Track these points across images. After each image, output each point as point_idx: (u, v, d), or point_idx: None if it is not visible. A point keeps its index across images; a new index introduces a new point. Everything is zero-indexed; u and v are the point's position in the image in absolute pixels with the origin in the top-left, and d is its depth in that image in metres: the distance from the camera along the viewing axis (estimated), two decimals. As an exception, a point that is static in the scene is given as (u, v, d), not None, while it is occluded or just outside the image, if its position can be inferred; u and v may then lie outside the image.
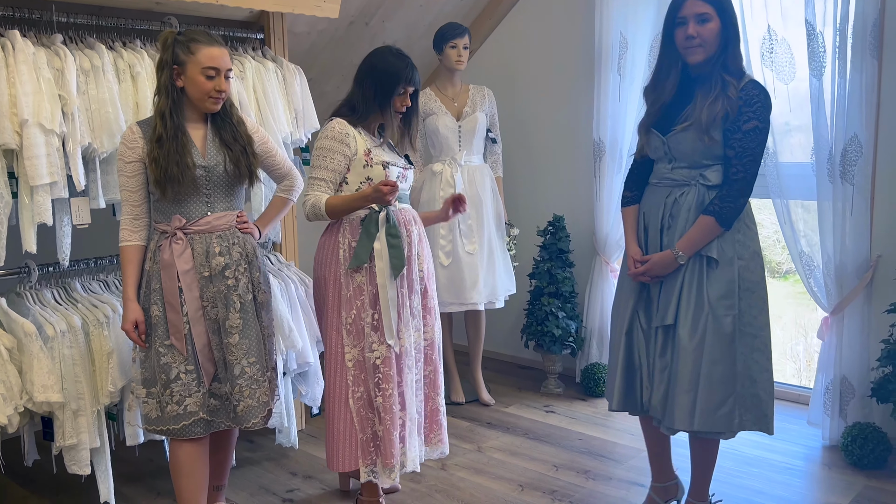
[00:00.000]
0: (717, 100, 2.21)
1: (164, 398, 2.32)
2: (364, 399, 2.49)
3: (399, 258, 2.43)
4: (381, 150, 2.53)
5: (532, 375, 4.19)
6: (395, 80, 2.47)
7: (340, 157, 2.45)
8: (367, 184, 2.47)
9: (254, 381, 2.38)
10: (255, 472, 3.10)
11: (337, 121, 2.48)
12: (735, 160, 2.23)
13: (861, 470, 2.97)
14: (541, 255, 3.93)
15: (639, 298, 2.40)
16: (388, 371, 2.45)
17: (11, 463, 2.93)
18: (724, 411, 2.25)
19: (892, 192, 3.11)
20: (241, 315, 2.36)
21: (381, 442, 2.47)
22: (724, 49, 2.24)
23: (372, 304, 2.45)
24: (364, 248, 2.42)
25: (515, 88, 4.26)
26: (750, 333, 2.29)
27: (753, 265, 2.30)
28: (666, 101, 2.33)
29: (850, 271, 3.10)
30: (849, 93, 3.00)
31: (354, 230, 2.46)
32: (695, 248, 2.27)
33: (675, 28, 2.27)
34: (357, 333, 2.47)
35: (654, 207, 2.38)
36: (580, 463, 3.11)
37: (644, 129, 2.41)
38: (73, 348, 2.52)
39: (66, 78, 2.49)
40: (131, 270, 2.34)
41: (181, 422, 2.32)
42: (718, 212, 2.24)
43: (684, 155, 2.31)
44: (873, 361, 3.07)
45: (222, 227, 2.37)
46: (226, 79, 2.30)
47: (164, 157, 2.24)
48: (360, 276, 2.45)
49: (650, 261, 2.33)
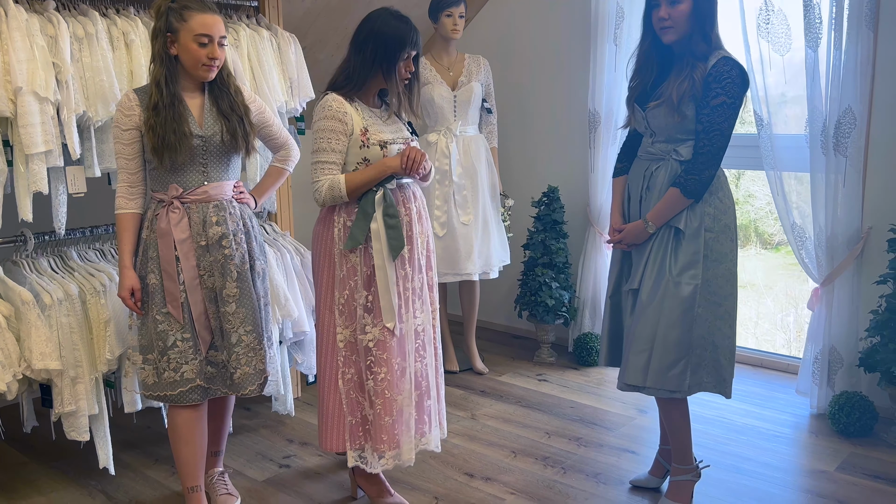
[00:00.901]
0: (685, 80, 2.29)
1: (161, 365, 2.35)
2: (354, 381, 2.43)
3: (398, 239, 2.35)
4: (381, 125, 2.41)
5: (525, 345, 4.23)
6: (400, 45, 2.33)
7: (342, 136, 2.34)
8: (363, 165, 2.36)
9: (250, 349, 2.40)
10: (252, 438, 3.14)
11: (332, 97, 2.36)
12: (702, 134, 2.30)
13: (847, 438, 3.03)
14: (535, 225, 3.95)
15: (623, 265, 2.56)
16: (383, 355, 2.37)
17: (10, 430, 2.97)
18: (675, 372, 2.37)
19: (884, 164, 3.13)
20: (238, 284, 2.37)
21: (370, 426, 2.42)
22: (695, 30, 2.28)
23: (366, 286, 2.38)
24: (360, 228, 2.34)
25: (511, 58, 4.24)
26: (714, 302, 2.38)
27: (723, 238, 2.39)
28: (648, 78, 2.42)
29: (841, 242, 3.13)
30: (844, 64, 3.01)
31: (350, 209, 2.38)
32: (663, 219, 2.38)
33: (651, 10, 2.35)
34: (349, 314, 2.41)
35: (636, 179, 2.49)
36: (572, 430, 3.16)
37: (628, 102, 2.51)
38: (70, 316, 2.53)
39: (60, 45, 2.47)
40: (127, 238, 2.35)
41: (178, 388, 2.35)
42: (683, 184, 2.33)
43: (661, 130, 2.40)
44: (862, 332, 3.12)
45: (219, 197, 2.37)
46: (219, 46, 2.28)
47: (161, 126, 2.24)
48: (355, 257, 2.38)
49: (625, 230, 2.47)
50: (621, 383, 2.46)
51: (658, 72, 2.40)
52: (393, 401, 2.39)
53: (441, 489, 2.71)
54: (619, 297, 2.57)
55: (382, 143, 2.37)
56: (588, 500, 2.62)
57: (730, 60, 2.28)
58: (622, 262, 2.56)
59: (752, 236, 4.65)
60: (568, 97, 4.04)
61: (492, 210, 3.72)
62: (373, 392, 2.39)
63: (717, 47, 2.32)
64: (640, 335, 2.38)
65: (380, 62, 2.35)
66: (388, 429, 2.39)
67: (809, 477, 2.75)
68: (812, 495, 2.62)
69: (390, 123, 2.45)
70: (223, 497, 2.60)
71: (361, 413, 2.44)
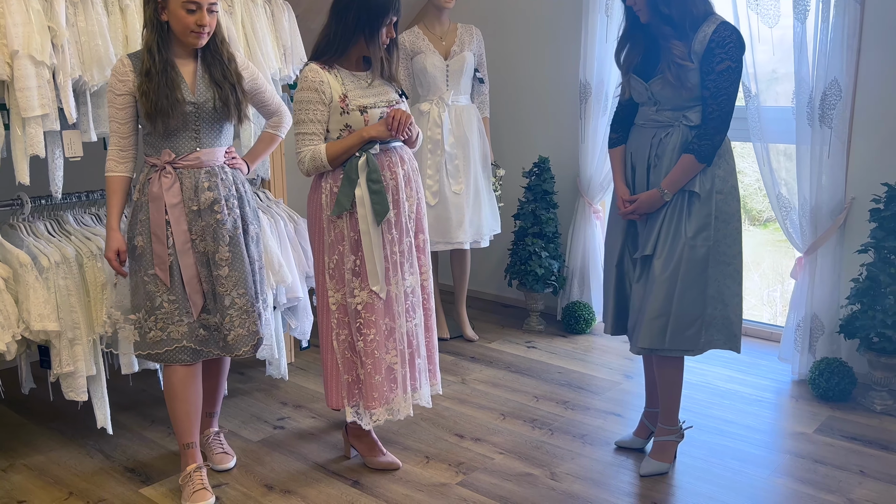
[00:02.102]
0: (678, 65, 2.35)
1: (148, 324, 2.39)
2: (347, 342, 2.50)
3: (381, 204, 2.38)
4: (363, 90, 2.42)
5: (515, 313, 4.30)
6: (383, 11, 2.35)
7: (321, 105, 2.38)
8: (346, 132, 2.40)
9: (243, 312, 2.45)
10: (246, 401, 3.20)
11: (309, 68, 2.39)
12: (710, 100, 2.36)
13: (826, 402, 3.12)
14: (526, 195, 4.00)
15: (627, 233, 2.58)
16: (370, 317, 2.44)
17: (9, 391, 3.01)
18: (691, 332, 2.44)
19: (868, 136, 3.19)
20: (231, 248, 2.41)
21: (362, 385, 2.50)
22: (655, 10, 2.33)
23: (353, 250, 2.43)
24: (345, 194, 2.38)
25: (503, 28, 4.26)
26: (723, 261, 2.45)
27: (731, 198, 2.47)
28: (638, 49, 2.46)
29: (824, 213, 3.20)
30: (831, 37, 3.05)
31: (336, 175, 2.42)
32: (678, 185, 2.42)
33: None
34: (339, 278, 2.47)
35: (640, 148, 2.51)
36: (559, 394, 3.24)
37: (625, 73, 2.53)
38: (67, 279, 2.57)
39: (55, 10, 2.48)
40: (116, 201, 2.38)
41: (164, 347, 2.39)
42: (698, 150, 2.38)
43: (667, 99, 2.43)
44: (843, 300, 3.20)
45: (211, 163, 2.40)
46: (209, 13, 2.28)
47: (155, 91, 2.26)
48: (342, 222, 2.42)
49: (638, 199, 2.48)
50: (636, 347, 2.51)
51: (645, 42, 2.45)
52: (381, 360, 2.47)
53: (432, 449, 2.79)
54: (624, 266, 2.60)
55: (362, 108, 2.40)
56: (574, 459, 2.70)
57: (728, 25, 2.34)
58: (626, 230, 2.57)
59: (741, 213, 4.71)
60: (559, 68, 4.07)
61: (483, 180, 3.76)
62: (363, 353, 2.47)
63: (711, 11, 2.37)
64: (657, 298, 2.43)
65: (362, 28, 2.37)
66: (378, 387, 2.47)
67: (789, 438, 2.84)
68: (791, 455, 2.71)
69: (373, 87, 2.46)
70: (219, 455, 2.67)
71: (355, 372, 2.52)
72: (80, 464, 2.71)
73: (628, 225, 2.57)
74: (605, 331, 2.71)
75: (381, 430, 2.86)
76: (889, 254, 2.97)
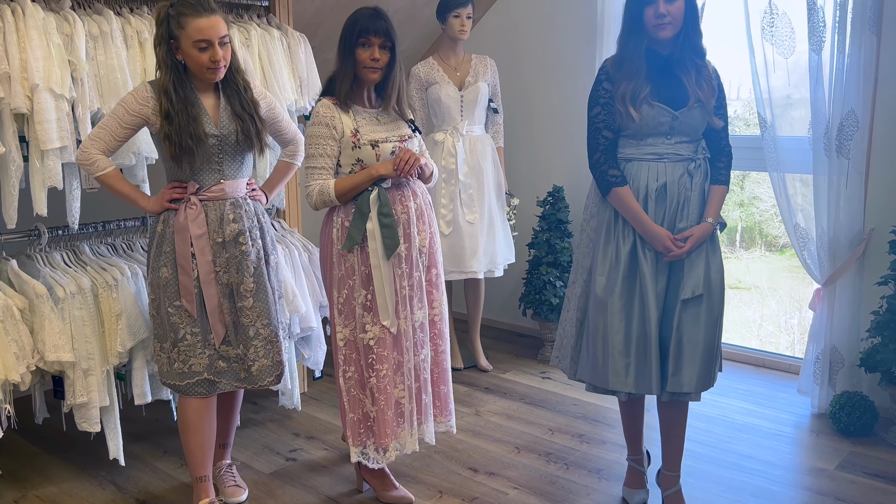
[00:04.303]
0: (706, 82, 2.35)
1: (172, 355, 2.41)
2: (354, 379, 2.47)
3: (392, 238, 2.37)
4: (375, 125, 2.42)
5: (529, 343, 4.27)
6: (351, 28, 2.35)
7: (331, 141, 2.39)
8: (358, 166, 2.40)
9: (268, 342, 2.46)
10: (258, 432, 3.19)
11: (321, 103, 2.41)
12: (723, 132, 2.40)
13: (847, 437, 3.06)
14: (540, 225, 3.99)
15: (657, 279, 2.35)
16: (383, 352, 2.42)
17: (23, 421, 3.01)
18: (715, 366, 2.41)
19: (886, 166, 3.16)
20: (255, 279, 2.43)
21: (373, 423, 2.46)
22: (689, 25, 2.32)
23: (364, 285, 2.42)
24: (357, 228, 2.37)
25: (517, 58, 4.28)
26: None
27: None
28: (640, 77, 2.32)
29: (843, 244, 3.16)
30: (847, 68, 3.04)
31: (348, 209, 2.42)
32: (718, 216, 2.43)
33: (643, 7, 2.31)
34: (348, 313, 2.45)
35: (668, 184, 2.34)
36: (575, 427, 3.20)
37: (638, 102, 2.30)
38: (82, 309, 2.58)
39: (76, 43, 2.52)
40: (128, 185, 2.41)
41: (185, 380, 2.41)
42: (726, 180, 2.42)
43: (692, 130, 2.36)
44: (863, 332, 3.15)
45: (235, 195, 2.42)
46: (221, 46, 2.27)
47: (177, 133, 2.27)
48: (352, 256, 2.42)
49: (694, 236, 2.32)
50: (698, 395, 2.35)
51: (651, 72, 2.33)
52: (392, 395, 2.45)
53: (445, 483, 2.75)
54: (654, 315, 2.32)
55: (374, 142, 2.40)
56: (590, 495, 2.65)
57: None
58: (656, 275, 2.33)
59: (758, 238, 4.68)
60: (572, 98, 4.08)
61: (497, 209, 3.75)
62: (375, 389, 2.44)
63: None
64: (708, 338, 2.33)
65: (342, 51, 2.39)
66: (389, 423, 2.45)
67: (809, 475, 2.78)
68: (812, 493, 2.65)
69: (387, 122, 2.46)
70: (231, 489, 2.65)
71: (362, 410, 2.49)
72: (92, 495, 2.70)
73: (658, 269, 2.34)
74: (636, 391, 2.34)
75: (394, 464, 2.83)
76: (910, 286, 2.93)
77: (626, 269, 2.35)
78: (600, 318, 2.36)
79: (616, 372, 2.34)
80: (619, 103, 2.33)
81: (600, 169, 2.38)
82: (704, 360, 2.35)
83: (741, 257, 4.59)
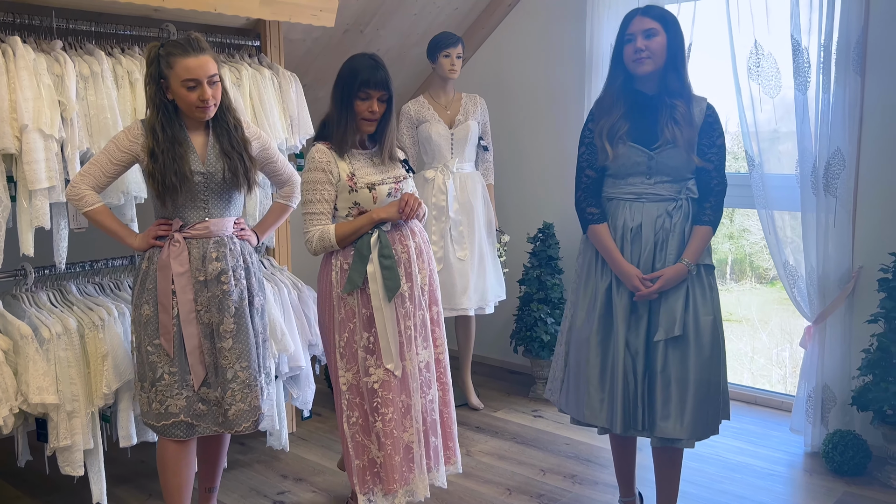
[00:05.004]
0: (683, 121, 2.32)
1: (151, 395, 2.38)
2: (359, 425, 2.43)
3: (393, 279, 2.36)
4: (370, 167, 2.43)
5: (521, 380, 4.24)
6: (351, 80, 2.34)
7: (328, 185, 2.39)
8: (355, 209, 2.41)
9: (246, 386, 2.41)
10: (246, 474, 3.13)
11: (316, 148, 2.41)
12: (714, 172, 2.38)
13: (841, 476, 3.03)
14: (530, 261, 3.99)
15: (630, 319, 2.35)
16: (388, 395, 2.38)
17: (4, 463, 2.95)
18: (713, 413, 2.35)
19: (873, 205, 3.18)
20: (235, 320, 2.39)
21: (380, 469, 2.41)
22: (668, 63, 2.33)
23: (366, 327, 2.39)
24: (357, 271, 2.36)
25: (507, 97, 4.31)
26: (723, 336, 2.41)
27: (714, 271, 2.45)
28: (617, 115, 2.36)
29: (832, 281, 3.17)
30: (832, 107, 3.08)
31: (346, 252, 2.41)
32: (699, 257, 2.37)
33: (624, 45, 2.35)
34: (350, 357, 2.42)
35: (643, 224, 2.35)
36: (567, 467, 3.16)
37: (614, 141, 2.35)
38: (68, 350, 2.55)
39: (66, 84, 2.52)
40: (117, 222, 2.40)
41: (162, 421, 2.37)
42: (712, 220, 2.38)
43: (672, 170, 2.36)
44: (854, 370, 3.14)
45: (220, 233, 2.40)
46: (211, 85, 2.28)
47: (161, 171, 2.27)
48: (353, 299, 2.40)
49: (663, 276, 2.31)
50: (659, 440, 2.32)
51: (624, 110, 2.35)
52: (399, 440, 2.39)
53: (436, 526, 2.71)
54: (629, 353, 2.34)
55: (370, 185, 2.41)
56: (583, 538, 2.61)
57: (711, 104, 2.39)
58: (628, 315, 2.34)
59: (748, 271, 4.68)
60: (562, 135, 4.11)
61: (488, 246, 3.75)
62: (381, 433, 2.38)
63: (688, 83, 2.38)
64: (700, 383, 2.29)
65: (338, 100, 2.39)
66: (398, 468, 2.39)
67: (804, 516, 2.75)
68: (806, 535, 2.62)
69: (380, 163, 2.47)
70: (217, 533, 2.59)
71: (368, 457, 2.44)
72: (74, 541, 2.64)
73: (631, 309, 2.35)
74: (606, 428, 2.38)
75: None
76: (900, 324, 2.93)
77: (603, 307, 2.39)
78: (580, 352, 2.42)
79: (591, 405, 2.39)
80: (597, 138, 2.38)
81: (580, 206, 2.45)
82: (697, 405, 2.30)
83: (732, 289, 4.59)
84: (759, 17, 3.21)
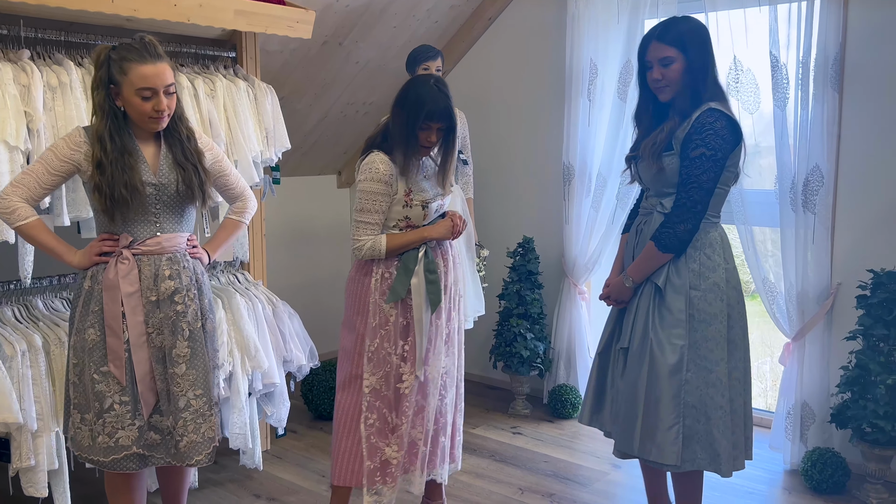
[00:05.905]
0: (659, 133, 2.28)
1: (97, 428, 2.20)
2: (376, 427, 2.48)
3: (436, 294, 2.45)
4: (423, 183, 2.49)
5: (500, 396, 4.20)
6: (417, 110, 2.36)
7: (386, 198, 2.42)
8: (404, 223, 2.46)
9: (199, 415, 2.25)
10: (217, 493, 3.06)
11: (381, 159, 2.40)
12: (680, 187, 2.24)
13: (820, 494, 3.01)
14: (510, 276, 3.95)
15: (617, 322, 2.46)
16: (409, 395, 2.49)
17: (-34, 484, 2.86)
18: (665, 442, 2.24)
19: (851, 221, 3.18)
20: (190, 343, 2.24)
21: (393, 468, 2.49)
22: (687, 86, 2.25)
23: (402, 336, 2.47)
24: (402, 283, 2.43)
25: (487, 111, 4.29)
26: (705, 367, 2.26)
27: (711, 297, 2.26)
28: (641, 133, 2.41)
29: (811, 298, 3.16)
30: (811, 123, 3.08)
31: (389, 261, 2.47)
32: (642, 273, 2.31)
33: (646, 70, 2.32)
34: (378, 362, 2.47)
35: (632, 235, 2.46)
36: (546, 486, 3.11)
37: (627, 158, 2.48)
38: (32, 368, 2.47)
39: (33, 94, 2.46)
40: (52, 237, 2.19)
41: (111, 455, 2.19)
42: (658, 238, 2.26)
43: (649, 183, 2.37)
44: (833, 387, 3.13)
45: (173, 249, 2.25)
46: (167, 94, 2.13)
47: (108, 184, 2.10)
48: (390, 308, 2.46)
49: (609, 285, 2.45)
50: (616, 451, 2.41)
51: (653, 127, 2.35)
52: (407, 434, 2.49)
53: (411, 548, 2.65)
54: (608, 355, 2.45)
55: (424, 203, 2.47)
56: (560, 559, 2.57)
57: (715, 112, 2.20)
58: (617, 319, 2.45)
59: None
60: (542, 150, 4.09)
61: (467, 260, 3.71)
62: (405, 434, 2.49)
63: (713, 98, 2.25)
64: (627, 399, 2.31)
65: (402, 124, 2.39)
66: (401, 460, 2.51)
67: (783, 536, 2.72)
68: (786, 555, 2.59)
69: (429, 178, 2.54)
70: (185, 557, 2.51)
71: (381, 458, 2.49)
72: (37, 565, 2.56)
73: (620, 313, 2.44)
74: (581, 419, 2.54)
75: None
76: (878, 341, 2.92)
77: (614, 314, 2.50)
78: None
79: (584, 402, 2.56)
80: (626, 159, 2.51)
81: None
82: (624, 420, 2.32)
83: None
84: (738, 34, 3.22)
